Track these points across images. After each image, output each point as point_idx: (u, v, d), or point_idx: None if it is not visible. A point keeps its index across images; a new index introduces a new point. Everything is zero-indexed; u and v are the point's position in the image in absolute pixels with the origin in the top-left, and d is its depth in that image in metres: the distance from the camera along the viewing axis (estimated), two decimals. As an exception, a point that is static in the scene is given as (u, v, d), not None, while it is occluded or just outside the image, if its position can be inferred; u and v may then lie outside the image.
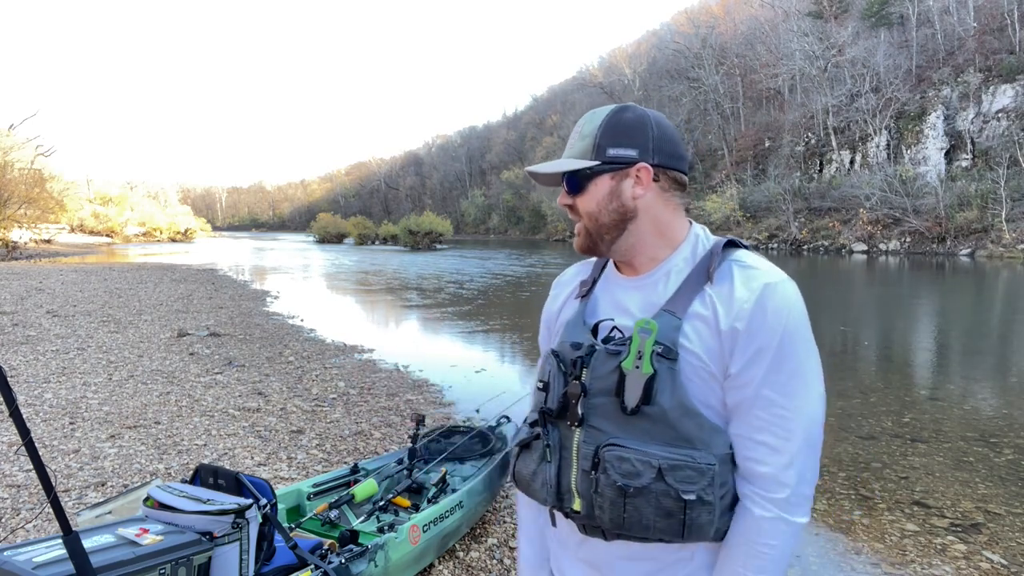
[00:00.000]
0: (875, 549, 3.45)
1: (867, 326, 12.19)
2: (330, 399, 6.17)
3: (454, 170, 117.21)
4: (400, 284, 20.40)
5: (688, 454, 0.99)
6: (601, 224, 1.10)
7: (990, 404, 6.32)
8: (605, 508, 1.02)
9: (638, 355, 1.00)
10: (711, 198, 50.89)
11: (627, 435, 1.02)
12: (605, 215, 1.10)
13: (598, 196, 1.10)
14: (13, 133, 45.73)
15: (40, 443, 4.63)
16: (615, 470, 1.00)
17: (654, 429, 1.00)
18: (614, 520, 1.02)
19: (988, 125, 38.49)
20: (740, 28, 62.92)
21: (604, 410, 1.03)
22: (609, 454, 1.01)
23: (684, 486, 0.97)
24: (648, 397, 1.00)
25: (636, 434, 1.01)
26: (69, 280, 18.12)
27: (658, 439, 1.00)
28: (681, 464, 0.98)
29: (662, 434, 1.00)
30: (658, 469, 0.98)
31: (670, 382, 1.00)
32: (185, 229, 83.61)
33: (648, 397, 1.00)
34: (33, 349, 8.15)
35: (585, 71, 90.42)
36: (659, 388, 1.00)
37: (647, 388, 0.99)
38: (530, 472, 1.13)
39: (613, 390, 1.02)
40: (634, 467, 0.99)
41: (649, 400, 1.00)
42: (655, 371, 1.00)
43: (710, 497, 0.98)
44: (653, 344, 1.00)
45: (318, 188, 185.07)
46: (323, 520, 2.90)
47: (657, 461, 0.98)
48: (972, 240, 33.44)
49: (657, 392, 1.00)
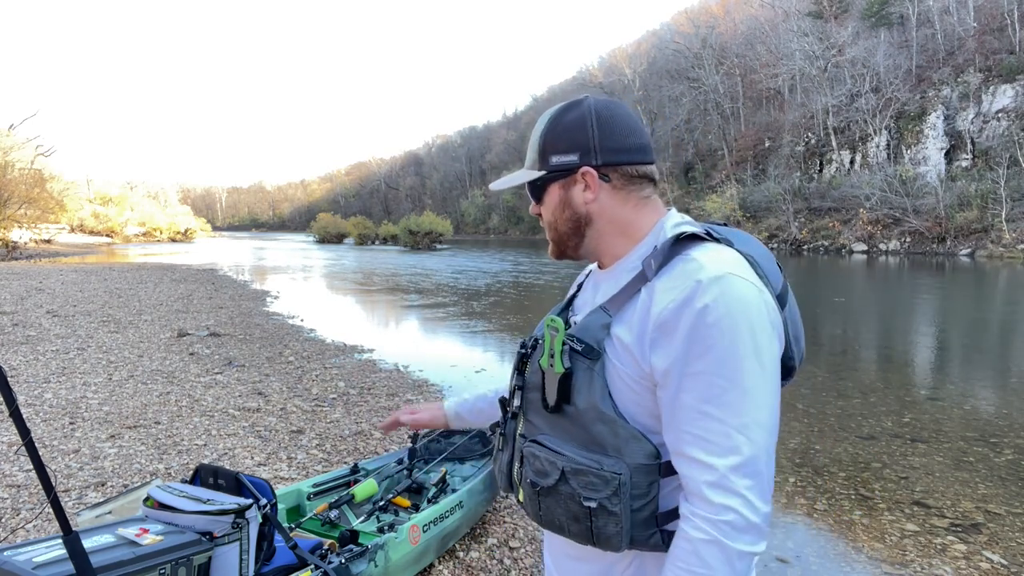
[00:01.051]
0: (875, 549, 3.44)
1: (867, 326, 12.19)
2: (330, 399, 6.17)
3: (454, 170, 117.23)
4: (400, 284, 20.40)
5: (596, 460, 0.94)
6: (560, 232, 1.09)
7: (990, 404, 6.32)
8: (527, 502, 1.03)
9: (550, 353, 0.99)
10: (711, 198, 50.94)
11: (552, 432, 1.01)
12: (561, 224, 1.08)
13: (552, 206, 1.08)
14: (13, 133, 45.73)
15: (40, 443, 4.63)
16: (529, 466, 1.01)
17: (572, 429, 0.98)
18: (534, 514, 1.03)
19: (988, 125, 38.50)
20: (740, 28, 62.93)
21: (535, 406, 1.04)
22: (527, 450, 1.02)
23: (586, 492, 0.94)
24: (567, 396, 0.97)
25: (558, 432, 1.00)
26: (69, 280, 18.11)
27: (575, 440, 0.98)
28: (584, 469, 0.94)
29: (577, 435, 0.97)
30: (562, 471, 0.96)
31: (587, 383, 0.96)
32: (185, 229, 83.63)
33: (567, 396, 0.97)
34: (33, 349, 8.15)
35: (585, 71, 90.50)
36: (575, 388, 0.97)
37: (562, 387, 0.97)
38: (495, 460, 1.18)
39: (540, 386, 1.02)
40: (543, 466, 0.99)
41: (568, 399, 0.97)
42: (569, 370, 0.97)
43: (615, 508, 0.92)
44: (562, 342, 0.98)
45: (318, 188, 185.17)
46: (323, 520, 2.90)
47: (562, 463, 0.96)
48: (972, 240, 33.46)
49: (574, 392, 0.97)
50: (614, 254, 1.07)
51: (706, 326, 0.89)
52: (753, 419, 0.89)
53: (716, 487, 0.88)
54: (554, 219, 1.08)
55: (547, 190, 1.07)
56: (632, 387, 0.95)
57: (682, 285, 0.92)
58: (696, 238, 0.99)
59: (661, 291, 0.94)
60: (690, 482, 0.91)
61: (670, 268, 0.96)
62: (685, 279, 0.92)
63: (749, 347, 0.89)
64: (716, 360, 0.88)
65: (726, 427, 0.88)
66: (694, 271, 0.92)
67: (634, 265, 1.03)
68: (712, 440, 0.88)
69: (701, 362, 0.89)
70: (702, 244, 0.98)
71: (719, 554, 0.87)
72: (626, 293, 0.99)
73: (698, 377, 0.89)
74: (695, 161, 61.39)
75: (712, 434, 0.89)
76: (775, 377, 0.93)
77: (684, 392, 0.90)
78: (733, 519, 0.87)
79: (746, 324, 0.90)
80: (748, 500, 0.87)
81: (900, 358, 9.01)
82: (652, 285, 0.96)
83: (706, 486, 0.88)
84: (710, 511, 0.88)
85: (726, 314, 0.89)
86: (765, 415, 0.90)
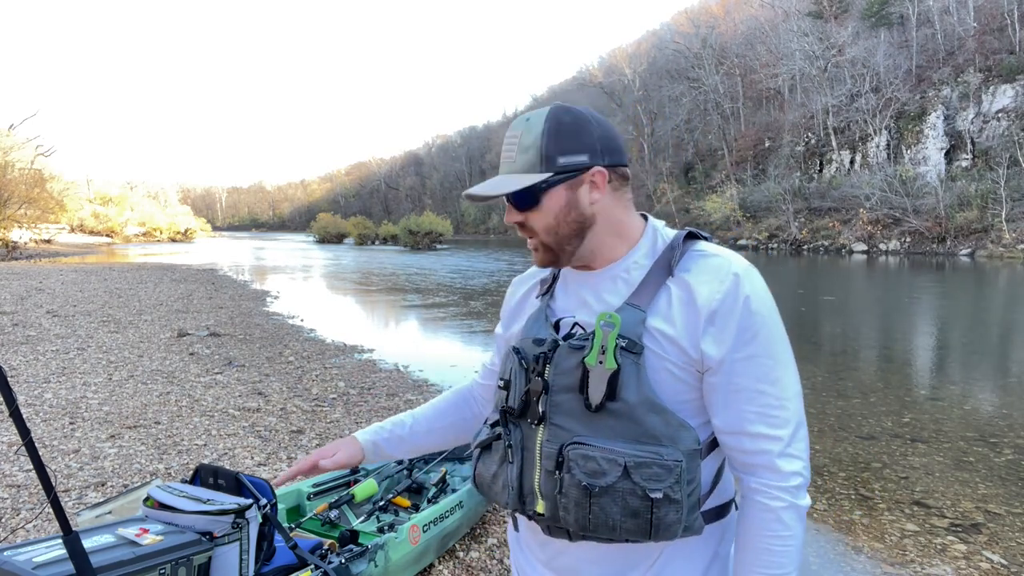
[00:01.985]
0: (875, 549, 3.45)
1: (867, 326, 12.19)
2: (330, 399, 6.17)
3: (454, 170, 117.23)
4: (400, 284, 20.40)
5: (655, 451, 0.96)
6: (562, 236, 1.06)
7: (990, 404, 6.32)
8: (570, 509, 0.98)
9: (601, 350, 0.97)
10: (711, 198, 50.93)
11: (591, 433, 0.98)
12: (564, 227, 1.05)
13: (555, 209, 1.04)
14: (13, 133, 45.73)
15: (40, 443, 4.63)
16: (580, 469, 0.97)
17: (619, 426, 0.97)
18: (579, 521, 0.98)
19: (988, 125, 38.50)
20: (740, 28, 62.92)
21: (567, 407, 1.00)
22: (574, 452, 0.98)
23: (651, 484, 0.94)
24: (613, 393, 0.97)
25: (601, 431, 0.98)
26: (69, 280, 18.11)
27: (623, 436, 0.97)
28: (647, 461, 0.95)
29: (627, 431, 0.97)
30: (624, 467, 0.95)
31: (635, 377, 0.97)
32: (185, 229, 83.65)
33: (613, 393, 0.97)
34: (33, 349, 8.15)
35: (585, 71, 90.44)
36: (624, 383, 0.97)
37: (611, 383, 0.96)
38: (491, 474, 1.10)
39: (576, 386, 0.99)
40: (599, 466, 0.96)
41: (614, 396, 0.97)
42: (619, 366, 0.97)
43: (677, 495, 0.95)
44: (616, 338, 0.97)
45: (318, 188, 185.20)
46: (323, 520, 2.90)
47: (623, 459, 0.95)
48: (972, 240, 33.46)
49: (622, 387, 0.97)
50: (608, 255, 1.08)
51: (751, 314, 0.99)
52: (795, 390, 1.03)
53: (784, 456, 1.00)
54: (556, 223, 1.05)
55: (548, 194, 1.04)
56: (677, 376, 1.01)
57: (720, 277, 1.00)
58: (694, 236, 1.08)
59: (699, 284, 1.01)
60: (757, 456, 1.01)
61: (694, 263, 1.04)
62: (720, 272, 1.01)
63: (780, 329, 1.03)
64: (763, 343, 1.00)
65: (781, 400, 1.01)
66: (725, 265, 1.02)
67: (640, 262, 1.07)
68: (772, 414, 1.00)
69: (751, 346, 1.00)
70: (701, 242, 1.08)
71: (796, 515, 1.00)
72: (651, 288, 1.03)
73: (751, 360, 1.00)
74: (695, 161, 61.40)
75: (771, 408, 1.00)
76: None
77: (738, 375, 1.00)
78: (800, 482, 1.01)
79: (775, 309, 1.03)
80: (805, 461, 1.02)
81: (900, 358, 9.01)
82: (682, 279, 1.02)
83: (776, 457, 1.00)
84: (782, 479, 1.00)
85: (763, 302, 1.01)
86: (799, 384, 1.05)
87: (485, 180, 1.10)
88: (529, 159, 1.04)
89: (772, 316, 1.02)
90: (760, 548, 1.01)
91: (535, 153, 1.03)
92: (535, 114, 1.06)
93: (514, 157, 1.05)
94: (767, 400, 1.00)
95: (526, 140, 1.04)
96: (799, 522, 1.01)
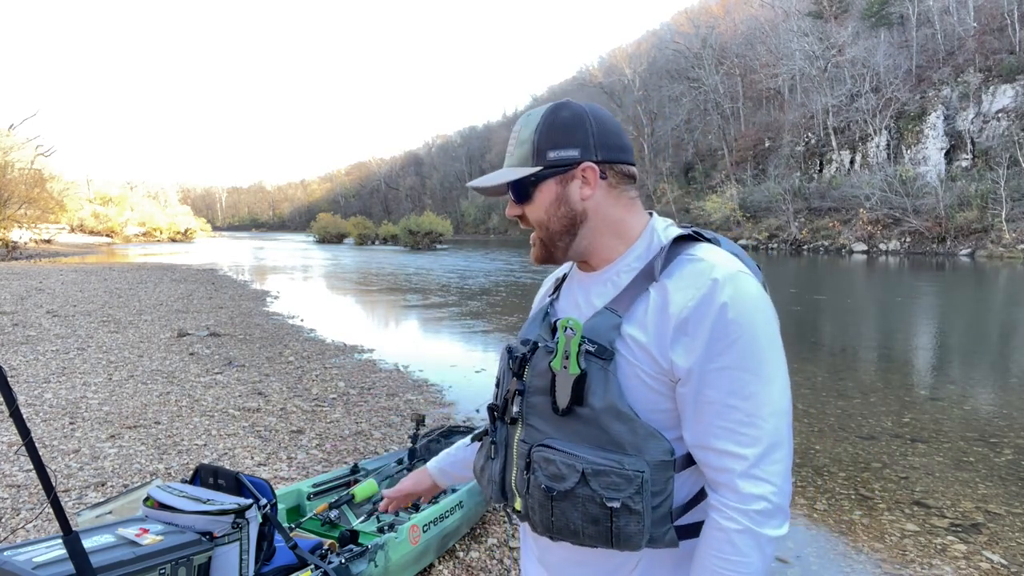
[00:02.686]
0: (875, 549, 3.45)
1: (867, 326, 12.19)
2: (330, 399, 6.17)
3: (454, 170, 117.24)
4: (400, 284, 20.40)
5: (616, 459, 0.94)
6: (552, 231, 1.06)
7: (990, 404, 6.32)
8: (536, 509, 0.99)
9: (565, 355, 0.97)
10: (711, 198, 50.92)
11: (560, 436, 0.98)
12: (555, 222, 1.05)
13: (545, 203, 1.04)
14: (13, 133, 45.72)
15: (40, 443, 4.63)
16: (542, 472, 0.98)
17: (585, 431, 0.96)
18: (544, 523, 0.99)
19: (988, 125, 38.50)
20: (740, 28, 62.92)
21: (540, 409, 1.01)
22: (538, 455, 0.99)
23: (609, 492, 0.93)
24: (579, 398, 0.96)
25: (567, 435, 0.98)
26: (69, 280, 18.11)
27: (589, 441, 0.96)
28: (606, 470, 0.93)
29: (593, 437, 0.96)
30: (582, 473, 0.94)
31: (603, 383, 0.96)
32: (185, 229, 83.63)
33: (579, 398, 0.96)
34: (33, 349, 8.15)
35: (585, 71, 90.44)
36: (591, 389, 0.96)
37: (576, 388, 0.96)
38: (479, 468, 1.15)
39: (547, 389, 0.99)
40: (559, 470, 0.96)
41: (581, 401, 0.96)
42: (584, 371, 0.96)
43: (638, 506, 0.93)
44: (579, 343, 0.97)
45: (318, 188, 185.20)
46: (323, 520, 2.90)
47: (582, 465, 0.94)
48: (972, 240, 33.45)
49: (589, 393, 0.96)
50: (604, 255, 1.07)
51: (727, 322, 0.93)
52: (775, 407, 0.94)
53: (747, 477, 0.93)
54: (547, 217, 1.05)
55: (539, 188, 1.04)
56: (649, 385, 0.97)
57: (698, 283, 0.95)
58: (691, 239, 1.03)
59: (675, 290, 0.96)
60: (720, 473, 0.95)
61: (678, 267, 0.99)
62: (699, 278, 0.95)
63: (765, 340, 0.95)
64: (739, 354, 0.93)
65: (752, 417, 0.93)
66: (706, 270, 0.96)
67: (631, 265, 1.04)
68: (740, 431, 0.93)
69: (724, 357, 0.93)
70: (699, 244, 1.02)
71: (751, 541, 0.92)
72: (632, 293, 1.00)
73: (723, 372, 0.93)
74: (695, 161, 61.40)
75: (740, 425, 0.93)
76: (785, 364, 0.98)
77: (709, 387, 0.94)
78: (763, 507, 0.92)
79: (761, 318, 0.95)
80: (775, 486, 0.93)
81: (900, 358, 9.00)
82: (662, 284, 0.98)
83: (737, 476, 0.93)
84: (741, 501, 0.93)
85: (744, 310, 0.93)
86: (785, 402, 0.96)
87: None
88: (524, 152, 1.05)
89: (756, 326, 0.94)
90: (707, 568, 0.95)
91: (529, 147, 1.04)
92: (537, 110, 1.07)
93: (512, 150, 1.07)
94: (737, 416, 0.93)
95: (523, 134, 1.05)
96: (756, 550, 0.92)
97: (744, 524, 0.92)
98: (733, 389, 0.93)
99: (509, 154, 1.08)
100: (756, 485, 0.93)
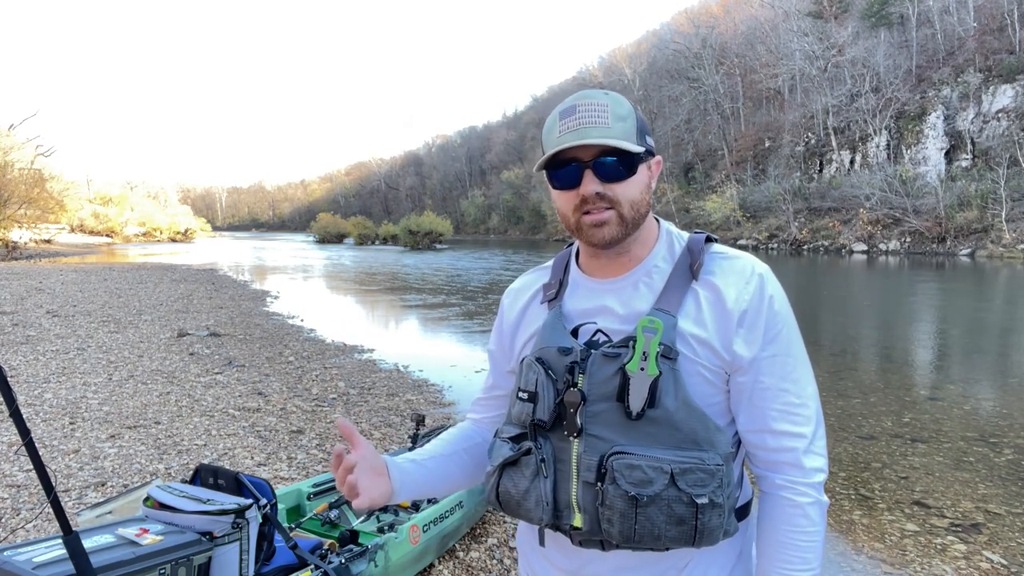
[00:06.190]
0: (875, 549, 3.45)
1: (867, 326, 12.18)
2: (330, 399, 6.17)
3: (454, 170, 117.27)
4: (400, 284, 20.40)
5: (697, 456, 0.95)
6: (640, 214, 1.04)
7: (990, 404, 6.32)
8: (614, 520, 0.95)
9: (643, 356, 0.95)
10: (711, 198, 50.90)
11: (631, 441, 0.96)
12: (643, 205, 1.04)
13: (641, 184, 1.03)
14: (13, 133, 45.70)
15: (40, 443, 4.63)
16: (625, 479, 0.94)
17: (659, 433, 0.95)
18: (624, 532, 0.95)
19: (988, 125, 38.50)
20: (740, 28, 62.92)
21: (606, 417, 0.97)
22: (618, 463, 0.95)
23: (696, 490, 0.93)
24: (652, 400, 0.95)
25: (641, 439, 0.96)
26: (69, 280, 18.11)
27: (663, 443, 0.95)
28: (692, 467, 0.94)
29: (667, 437, 0.95)
30: (671, 474, 0.93)
31: (673, 382, 0.96)
32: (185, 229, 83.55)
33: (652, 400, 0.95)
34: (33, 349, 8.15)
35: (585, 71, 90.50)
36: (663, 389, 0.95)
37: (652, 390, 0.95)
38: (521, 491, 1.03)
39: (615, 395, 0.96)
40: (646, 474, 0.93)
41: (654, 403, 0.95)
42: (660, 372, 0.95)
43: (720, 499, 0.95)
44: (658, 344, 0.96)
45: (318, 188, 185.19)
46: (323, 520, 2.90)
47: (669, 466, 0.93)
48: (972, 240, 33.45)
49: (661, 394, 0.95)
50: (637, 254, 1.08)
51: (774, 313, 1.02)
52: (813, 388, 1.06)
53: (808, 453, 1.03)
54: (640, 198, 1.03)
55: (641, 167, 1.03)
56: (708, 379, 1.02)
57: (746, 279, 1.03)
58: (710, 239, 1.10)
59: (726, 286, 1.02)
60: (783, 453, 1.03)
61: (716, 265, 1.05)
62: (745, 273, 1.03)
63: (796, 328, 1.06)
64: (785, 341, 1.03)
65: (802, 398, 1.03)
66: (748, 266, 1.04)
67: (658, 267, 1.07)
68: (795, 412, 1.03)
69: (774, 345, 1.02)
70: (719, 244, 1.09)
71: (820, 510, 1.03)
72: (677, 292, 1.03)
73: (775, 359, 1.02)
74: (695, 161, 61.39)
75: (794, 407, 1.03)
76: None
77: (764, 374, 1.02)
78: (822, 479, 1.03)
79: (789, 308, 1.06)
80: (826, 458, 1.05)
81: (900, 358, 9.00)
82: (708, 282, 1.03)
83: (802, 454, 1.02)
84: (807, 476, 1.02)
85: (783, 301, 1.05)
86: (815, 384, 1.07)
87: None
88: (627, 128, 1.00)
89: (791, 316, 1.05)
90: (787, 543, 1.02)
91: (632, 124, 1.01)
92: (604, 92, 1.02)
93: (608, 123, 0.98)
94: (789, 398, 1.02)
95: (619, 110, 1.00)
96: (822, 518, 1.03)
97: (815, 496, 1.02)
98: (783, 374, 1.02)
99: (600, 124, 0.98)
100: (815, 460, 1.03)
